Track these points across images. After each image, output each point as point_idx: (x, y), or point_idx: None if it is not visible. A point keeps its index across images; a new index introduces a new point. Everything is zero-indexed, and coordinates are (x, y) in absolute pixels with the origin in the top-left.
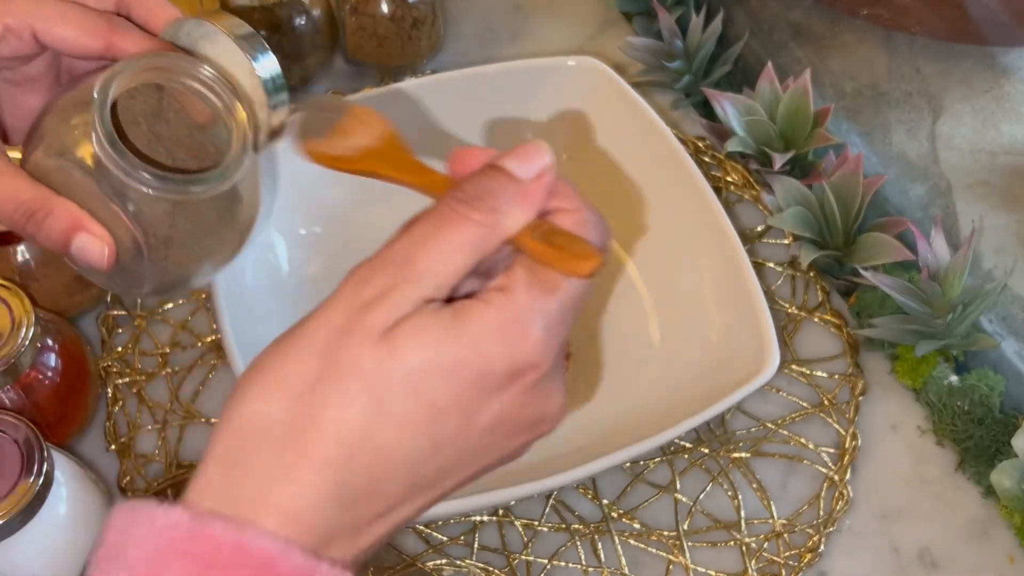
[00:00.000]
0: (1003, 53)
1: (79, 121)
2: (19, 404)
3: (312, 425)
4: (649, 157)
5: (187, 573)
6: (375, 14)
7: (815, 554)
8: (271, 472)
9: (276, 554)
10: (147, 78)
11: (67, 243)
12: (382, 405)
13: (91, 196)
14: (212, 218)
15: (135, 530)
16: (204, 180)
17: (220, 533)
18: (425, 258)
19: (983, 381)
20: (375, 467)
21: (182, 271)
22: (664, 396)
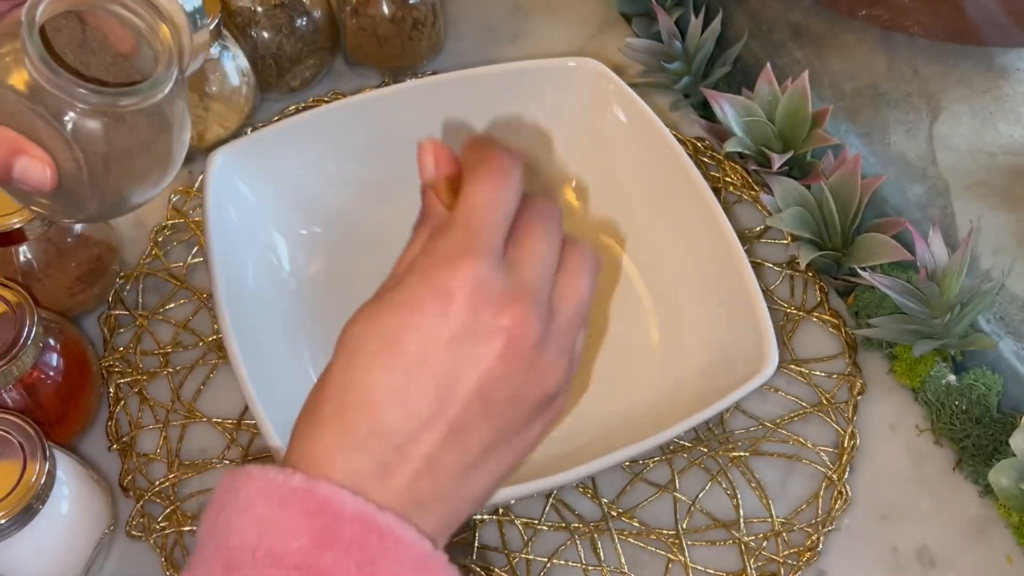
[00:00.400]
0: (1001, 54)
1: (8, 51)
2: (21, 404)
3: (317, 392)
4: (648, 158)
5: (267, 514)
6: (375, 15)
7: (814, 553)
8: (302, 434)
9: (339, 500)
10: (72, 4)
11: (8, 168)
12: (353, 356)
13: (28, 121)
14: (147, 136)
15: (238, 485)
16: (136, 91)
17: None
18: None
19: (981, 380)
20: (365, 407)
21: (122, 189)
22: (664, 396)
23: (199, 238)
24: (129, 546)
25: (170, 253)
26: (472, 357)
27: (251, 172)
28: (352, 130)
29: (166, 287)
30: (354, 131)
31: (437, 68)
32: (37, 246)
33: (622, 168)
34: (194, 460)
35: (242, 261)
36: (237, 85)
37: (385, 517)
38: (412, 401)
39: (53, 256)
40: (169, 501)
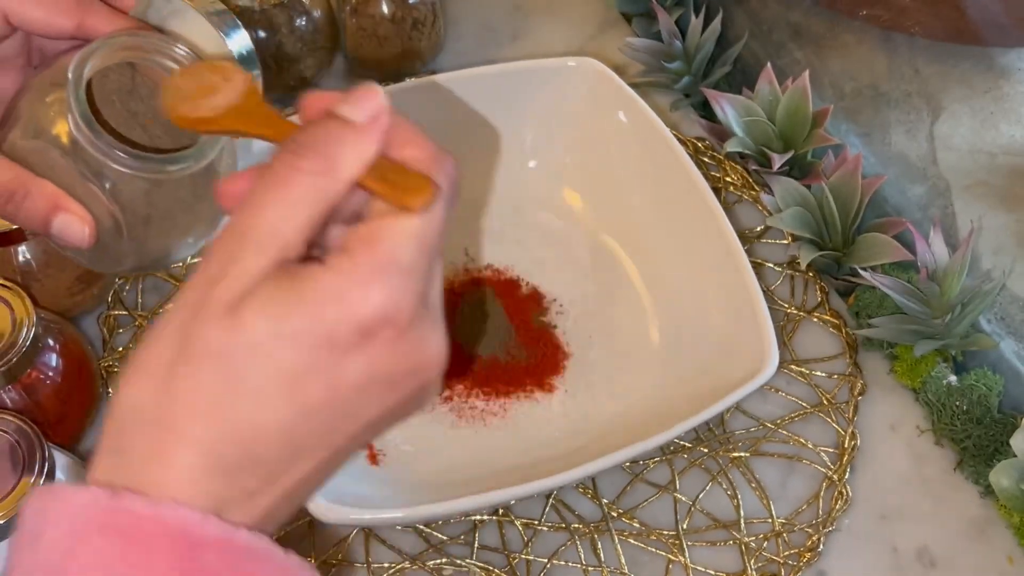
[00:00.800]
0: (1002, 54)
1: (54, 101)
2: (20, 404)
3: (173, 405)
4: (648, 158)
5: (108, 548)
6: (375, 15)
7: (814, 553)
8: (146, 454)
9: (194, 524)
10: (120, 57)
11: (47, 224)
12: (235, 381)
13: (69, 176)
14: (190, 195)
15: (52, 511)
16: (181, 159)
17: (140, 507)
18: (263, 221)
19: (982, 381)
20: (243, 439)
21: (161, 248)
22: (664, 396)
23: None
24: None
25: None
26: (378, 405)
27: None
28: None
29: (165, 287)
30: None
31: (437, 68)
32: (36, 246)
33: (622, 168)
34: None
35: None
36: None
37: (247, 538)
38: (300, 439)
39: (52, 256)
40: None
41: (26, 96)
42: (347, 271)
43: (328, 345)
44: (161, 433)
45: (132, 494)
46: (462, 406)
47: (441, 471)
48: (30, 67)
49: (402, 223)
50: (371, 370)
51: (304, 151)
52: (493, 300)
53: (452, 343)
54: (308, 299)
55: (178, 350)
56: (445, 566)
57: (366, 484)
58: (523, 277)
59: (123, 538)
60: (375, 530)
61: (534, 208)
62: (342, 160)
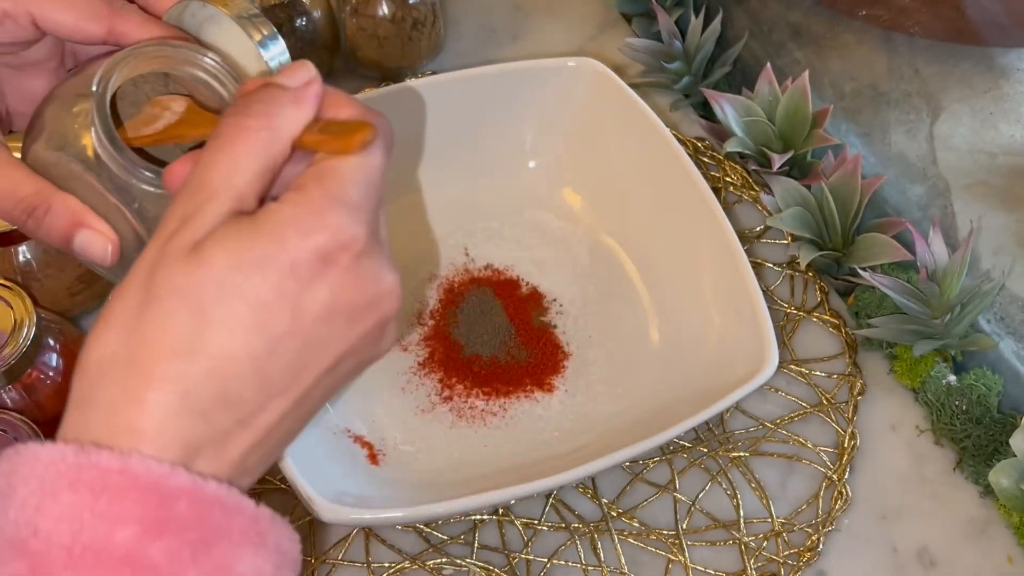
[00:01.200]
0: (1002, 54)
1: (80, 112)
2: (20, 404)
3: (143, 349)
4: (648, 158)
5: (77, 502)
6: (375, 15)
7: (814, 553)
8: (117, 400)
9: (162, 475)
10: (150, 67)
11: (68, 240)
12: (203, 313)
13: (92, 190)
14: None
15: (21, 470)
16: None
17: (106, 460)
18: (215, 174)
19: (981, 381)
20: (217, 373)
21: None
22: (664, 396)
23: None
24: None
25: None
26: (344, 335)
27: None
28: None
29: None
30: None
31: (437, 68)
32: (37, 246)
33: (622, 168)
34: None
35: None
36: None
37: (216, 489)
38: (270, 374)
39: (53, 256)
40: None
41: (51, 106)
42: (303, 202)
43: (291, 271)
44: (132, 377)
45: (98, 448)
46: (462, 406)
47: (441, 471)
48: (62, 69)
49: (349, 161)
50: (332, 298)
51: (248, 111)
52: (493, 300)
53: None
54: (267, 229)
55: (143, 296)
56: (445, 566)
57: (366, 484)
58: (523, 277)
59: (92, 492)
60: (375, 530)
61: (534, 208)
62: (283, 117)
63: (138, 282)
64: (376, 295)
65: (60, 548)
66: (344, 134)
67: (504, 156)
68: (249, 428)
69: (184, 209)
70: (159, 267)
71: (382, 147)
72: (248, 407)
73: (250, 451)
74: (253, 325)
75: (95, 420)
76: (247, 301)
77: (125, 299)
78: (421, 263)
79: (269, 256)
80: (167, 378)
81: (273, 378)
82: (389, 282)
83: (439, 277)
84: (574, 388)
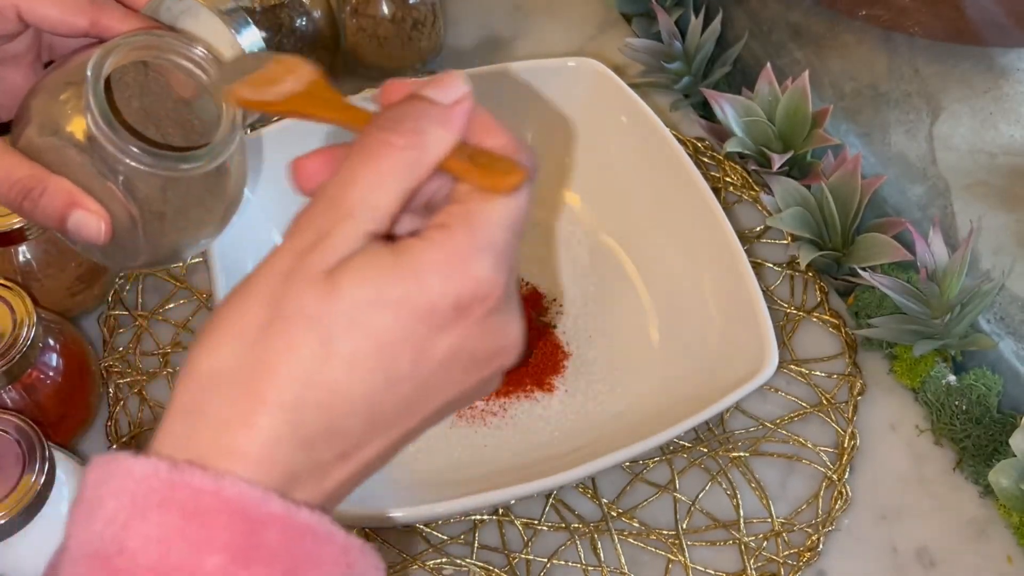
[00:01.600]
0: (1002, 54)
1: (69, 98)
2: (21, 404)
3: (262, 370)
4: (648, 158)
5: (167, 522)
6: (375, 15)
7: (814, 553)
8: (228, 419)
9: (255, 501)
10: (138, 56)
11: (63, 220)
12: (329, 344)
13: (85, 172)
14: (202, 192)
15: (113, 482)
16: (196, 157)
17: (199, 481)
18: (356, 192)
19: (981, 381)
20: (330, 406)
21: (175, 243)
22: (664, 396)
23: None
24: None
25: None
26: (459, 379)
27: (251, 172)
28: None
29: (166, 287)
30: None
31: (437, 68)
32: (37, 246)
33: (622, 168)
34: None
35: (242, 261)
36: None
37: (308, 517)
38: (380, 413)
39: (53, 256)
40: None
41: (40, 95)
42: (448, 247)
43: (424, 316)
44: (245, 397)
45: (192, 467)
46: None
47: (441, 471)
48: (39, 64)
49: (497, 205)
50: (458, 346)
51: (394, 127)
52: None
53: None
54: (409, 270)
55: (269, 314)
56: (445, 566)
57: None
58: (523, 277)
59: (182, 514)
60: (375, 530)
61: (534, 208)
62: (431, 136)
63: (266, 293)
64: (501, 347)
65: (146, 570)
66: (495, 172)
67: None
68: (349, 461)
69: (321, 224)
70: (291, 285)
71: (528, 188)
72: (352, 441)
73: (346, 483)
74: (375, 364)
75: (199, 435)
76: (374, 339)
77: (248, 310)
78: None
79: (406, 299)
80: (282, 405)
81: (382, 417)
82: (515, 334)
83: None
84: (574, 388)
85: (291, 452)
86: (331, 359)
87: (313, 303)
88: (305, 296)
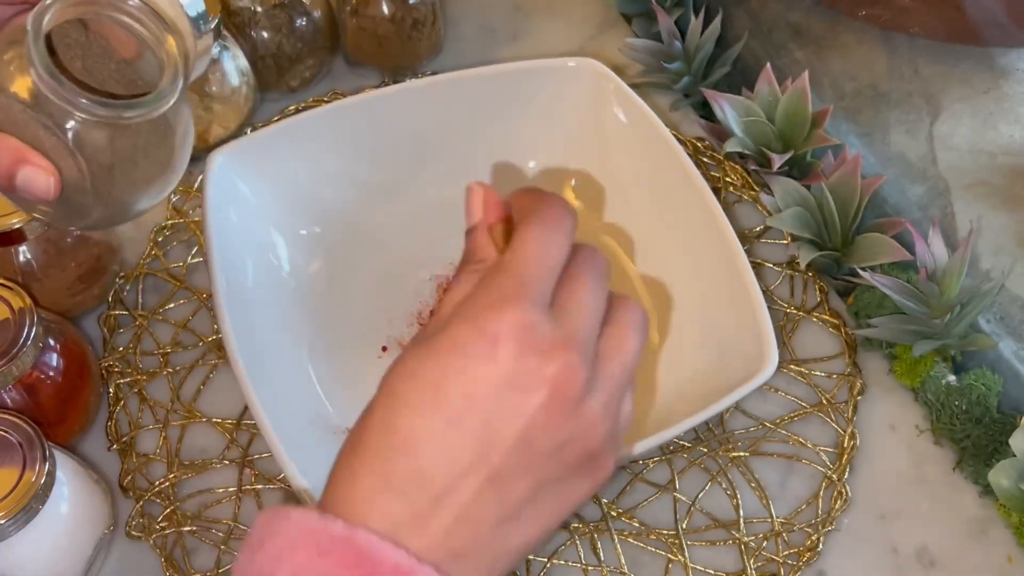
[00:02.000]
0: (1002, 54)
1: (12, 58)
2: (21, 404)
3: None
4: (648, 158)
5: (306, 559)
6: (375, 15)
7: (814, 553)
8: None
9: (373, 546)
10: (77, 12)
11: (11, 177)
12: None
13: (32, 129)
14: (149, 143)
15: (275, 524)
16: (142, 104)
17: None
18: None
19: (981, 381)
20: (406, 449)
21: (124, 199)
22: (663, 396)
23: (199, 238)
24: (129, 546)
25: (170, 253)
26: (516, 405)
27: (251, 172)
28: (352, 130)
29: (166, 287)
30: (354, 131)
31: (437, 68)
32: (37, 246)
33: (622, 168)
34: (194, 460)
35: (242, 261)
36: (237, 85)
37: (424, 569)
38: (453, 447)
39: (53, 256)
40: (169, 501)
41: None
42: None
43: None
44: (351, 455)
45: (334, 517)
46: None
47: None
48: None
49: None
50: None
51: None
52: None
53: None
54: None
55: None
56: None
57: None
58: None
59: (320, 554)
60: None
61: None
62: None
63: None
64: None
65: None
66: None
67: (504, 156)
68: (445, 506)
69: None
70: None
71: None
72: (439, 484)
73: (451, 531)
74: (431, 402)
75: (331, 493)
76: (424, 380)
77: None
78: (421, 263)
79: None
80: (367, 460)
81: (457, 454)
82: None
83: (439, 277)
84: None
85: (387, 503)
86: (396, 405)
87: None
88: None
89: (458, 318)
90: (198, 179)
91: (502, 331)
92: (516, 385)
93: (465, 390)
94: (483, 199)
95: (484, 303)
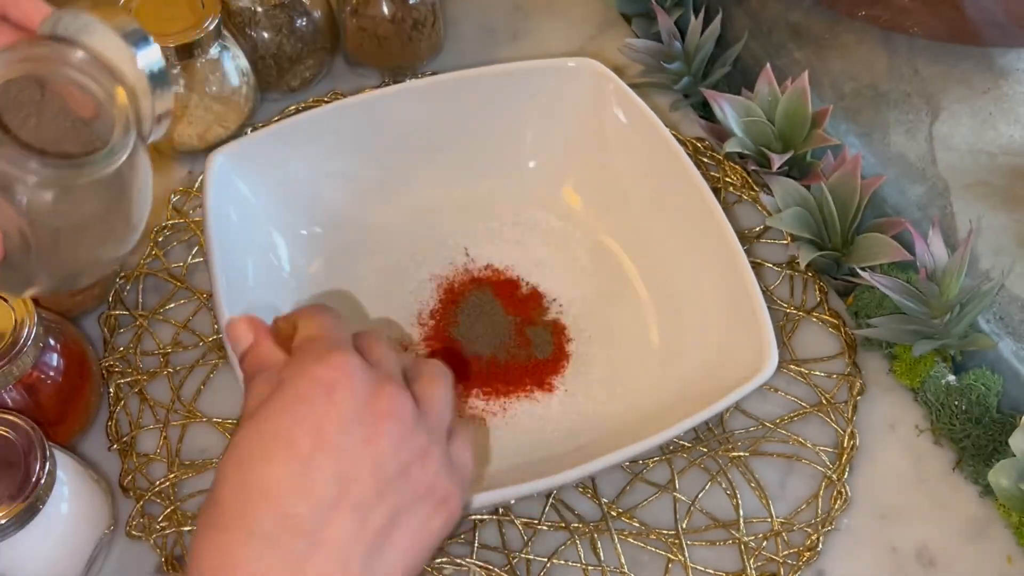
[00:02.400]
0: (1001, 54)
1: None
2: (21, 404)
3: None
4: (648, 158)
5: None
6: (375, 15)
7: (813, 553)
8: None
9: None
10: (23, 69)
11: None
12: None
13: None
14: (102, 206)
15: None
16: (89, 162)
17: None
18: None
19: (981, 381)
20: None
21: (72, 263)
22: (664, 396)
23: (199, 238)
24: (129, 546)
25: (170, 253)
26: (363, 437)
27: (251, 172)
28: (352, 130)
29: (166, 287)
30: (354, 131)
31: (437, 68)
32: None
33: (622, 168)
34: (194, 460)
35: (242, 261)
36: (237, 85)
37: None
38: (315, 485)
39: None
40: (169, 501)
41: None
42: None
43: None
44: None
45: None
46: (462, 406)
47: None
48: None
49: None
50: (348, 413)
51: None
52: (493, 300)
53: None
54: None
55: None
56: (445, 565)
57: None
58: (523, 277)
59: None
60: None
61: (534, 208)
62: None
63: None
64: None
65: None
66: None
67: (504, 156)
68: (318, 544)
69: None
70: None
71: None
72: (307, 523)
73: (328, 568)
74: (284, 451)
75: (197, 560)
76: (273, 433)
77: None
78: (421, 263)
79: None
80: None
81: (318, 492)
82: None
83: (439, 277)
84: (574, 388)
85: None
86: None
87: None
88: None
89: (289, 379)
90: (198, 179)
91: (336, 377)
92: (359, 420)
93: (314, 433)
94: (247, 324)
95: (309, 360)
